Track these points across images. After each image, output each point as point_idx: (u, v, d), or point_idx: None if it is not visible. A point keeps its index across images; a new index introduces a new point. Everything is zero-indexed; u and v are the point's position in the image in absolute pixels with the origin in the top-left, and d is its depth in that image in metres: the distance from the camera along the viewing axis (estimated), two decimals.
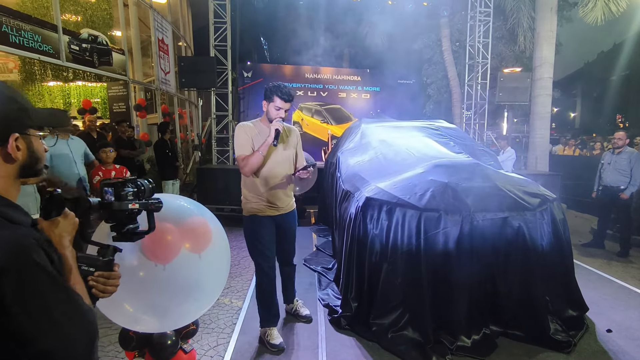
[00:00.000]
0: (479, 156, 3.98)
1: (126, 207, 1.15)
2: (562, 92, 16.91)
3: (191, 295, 2.06)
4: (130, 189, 1.18)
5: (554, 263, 2.94)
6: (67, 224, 0.98)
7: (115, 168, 4.03)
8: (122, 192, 1.15)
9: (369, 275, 2.89)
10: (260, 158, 2.51)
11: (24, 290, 0.72)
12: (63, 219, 0.98)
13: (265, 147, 2.51)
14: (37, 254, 0.78)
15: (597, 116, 22.19)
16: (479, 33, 9.06)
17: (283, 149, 2.68)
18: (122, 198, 1.15)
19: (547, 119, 8.51)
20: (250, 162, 2.51)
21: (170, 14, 10.37)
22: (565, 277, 3.05)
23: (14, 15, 4.76)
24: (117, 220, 1.19)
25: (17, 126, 0.85)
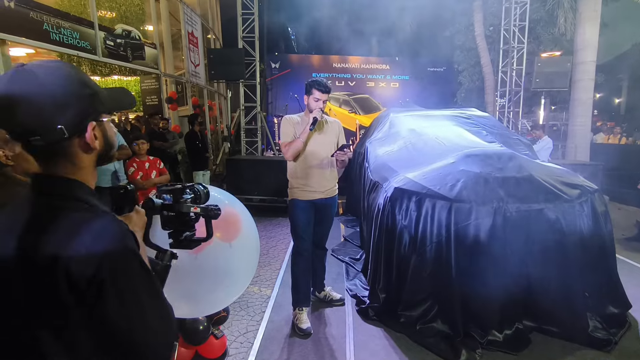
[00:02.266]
0: (513, 145, 3.83)
1: (188, 210, 1.14)
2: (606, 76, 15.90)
3: (222, 283, 2.12)
4: (188, 195, 1.18)
5: (594, 257, 2.80)
6: (138, 220, 0.98)
7: (149, 159, 4.17)
8: (180, 199, 1.15)
9: (398, 266, 2.87)
10: (299, 143, 2.77)
11: (120, 276, 0.73)
12: (135, 214, 0.99)
13: (305, 134, 2.77)
14: (131, 240, 0.79)
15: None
16: (515, 16, 8.63)
17: (320, 136, 2.88)
18: (181, 203, 1.14)
19: (588, 105, 8.03)
20: (291, 147, 2.78)
21: (199, 7, 10.52)
22: (606, 272, 2.90)
23: (54, 13, 4.97)
24: (174, 227, 1.17)
25: (92, 114, 0.82)
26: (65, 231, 0.72)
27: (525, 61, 8.85)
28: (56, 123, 0.76)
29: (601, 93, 21.83)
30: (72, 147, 0.80)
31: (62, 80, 0.78)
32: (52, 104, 0.76)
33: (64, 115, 0.77)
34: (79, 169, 0.82)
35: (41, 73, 0.76)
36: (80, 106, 0.80)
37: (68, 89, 0.78)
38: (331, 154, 2.82)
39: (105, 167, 4.12)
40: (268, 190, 6.30)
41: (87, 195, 0.81)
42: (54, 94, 0.76)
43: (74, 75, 0.80)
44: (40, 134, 0.75)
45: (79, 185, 0.81)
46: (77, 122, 0.79)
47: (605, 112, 21.92)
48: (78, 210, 0.77)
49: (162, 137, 6.31)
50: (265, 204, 6.32)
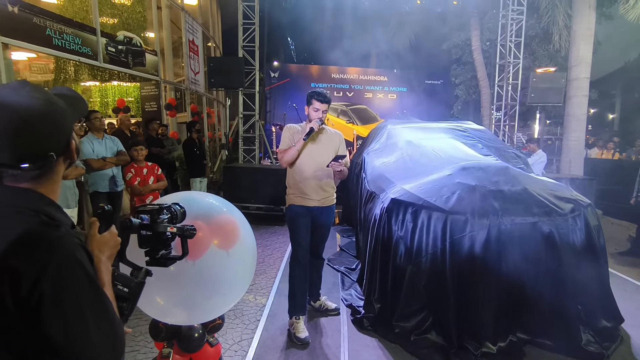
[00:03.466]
0: (508, 159, 3.88)
1: (165, 229, 1.20)
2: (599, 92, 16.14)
3: (219, 291, 2.12)
4: (165, 216, 1.23)
5: (588, 271, 2.83)
6: (109, 239, 0.99)
7: (147, 165, 4.18)
8: (157, 219, 1.19)
9: (393, 276, 2.88)
10: (293, 151, 2.85)
11: (61, 288, 0.73)
12: (108, 234, 1.00)
13: (300, 144, 2.85)
14: (79, 252, 0.79)
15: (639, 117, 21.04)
16: (511, 32, 8.79)
17: (317, 146, 2.94)
18: (158, 224, 1.19)
19: (582, 120, 8.17)
20: (285, 154, 2.88)
21: (201, 15, 10.63)
22: (599, 286, 2.93)
23: (57, 19, 5.02)
24: (151, 246, 1.21)
25: (70, 131, 0.87)
26: (13, 239, 0.72)
27: (521, 76, 8.99)
28: (49, 150, 0.79)
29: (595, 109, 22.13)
30: (56, 167, 0.84)
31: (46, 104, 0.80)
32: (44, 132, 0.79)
33: (56, 141, 0.81)
34: (51, 184, 0.85)
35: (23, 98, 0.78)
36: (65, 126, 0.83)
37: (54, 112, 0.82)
38: (327, 165, 2.86)
39: (103, 172, 4.14)
40: (265, 199, 6.31)
41: (45, 205, 0.82)
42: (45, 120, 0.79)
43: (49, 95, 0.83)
44: (32, 162, 0.78)
45: (39, 197, 0.83)
46: (64, 143, 0.84)
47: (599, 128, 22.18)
48: (30, 222, 0.77)
49: (160, 144, 6.33)
50: (261, 213, 6.33)
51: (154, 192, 4.15)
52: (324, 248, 3.23)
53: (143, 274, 1.11)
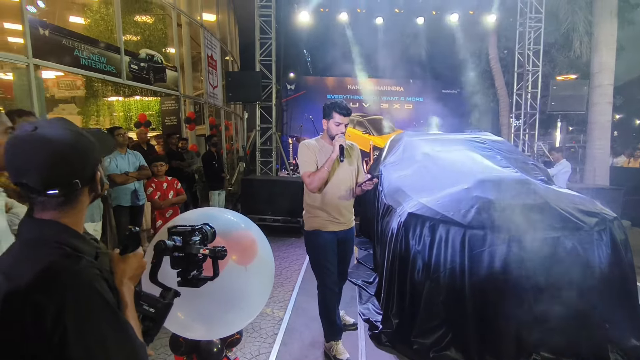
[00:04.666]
0: (528, 170, 3.80)
1: (197, 252, 1.23)
2: (625, 98, 15.70)
3: (237, 306, 2.15)
4: (197, 237, 1.26)
5: (615, 288, 2.74)
6: (133, 261, 1.02)
7: (167, 180, 4.29)
8: (189, 241, 1.22)
9: (411, 291, 2.85)
10: (325, 173, 2.59)
11: (83, 320, 0.77)
12: (133, 256, 1.03)
13: (330, 163, 2.58)
14: (100, 283, 0.83)
15: None
16: (529, 40, 8.68)
17: (347, 164, 2.74)
18: (190, 246, 1.22)
19: (607, 128, 7.93)
20: (316, 179, 2.59)
21: (219, 30, 10.91)
22: (628, 303, 2.82)
23: (85, 40, 5.25)
24: (183, 267, 1.24)
25: (97, 163, 0.93)
26: (37, 273, 0.77)
27: (541, 84, 8.83)
28: (75, 177, 0.85)
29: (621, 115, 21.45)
30: (79, 196, 0.89)
31: (76, 137, 0.87)
32: (72, 161, 0.85)
33: (82, 170, 0.87)
34: (75, 213, 0.90)
35: (54, 133, 0.85)
36: (91, 158, 0.90)
37: (82, 145, 0.88)
38: (358, 184, 2.73)
39: (125, 186, 4.27)
40: (282, 211, 6.35)
41: (69, 237, 0.87)
42: (73, 151, 0.86)
43: (79, 132, 0.89)
44: (59, 188, 0.84)
45: (63, 229, 0.87)
46: (90, 174, 0.89)
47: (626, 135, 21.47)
48: (53, 254, 0.82)
49: (180, 157, 6.48)
50: (278, 224, 6.37)
51: (174, 206, 4.25)
52: (348, 268, 3.09)
53: (172, 295, 1.14)
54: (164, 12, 8.89)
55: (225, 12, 11.69)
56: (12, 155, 0.83)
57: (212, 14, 10.56)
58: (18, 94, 4.35)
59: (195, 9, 9.48)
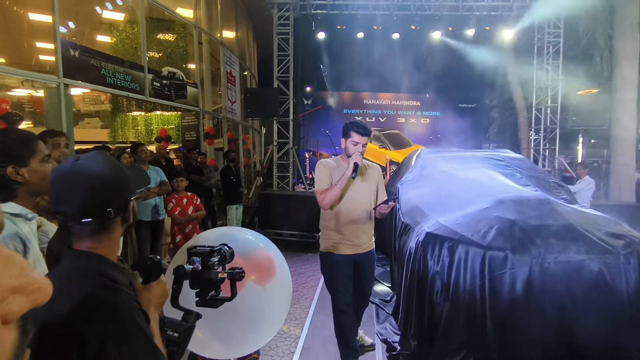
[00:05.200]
0: (549, 189, 3.73)
1: (216, 277, 1.26)
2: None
3: (255, 326, 2.17)
4: (216, 258, 1.30)
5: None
6: (157, 290, 1.04)
7: (187, 195, 4.38)
8: (208, 262, 1.26)
9: (430, 313, 2.80)
10: (338, 191, 2.55)
11: (125, 350, 0.81)
12: (156, 284, 1.05)
13: (344, 180, 2.55)
14: (139, 317, 0.87)
15: None
16: (548, 54, 8.60)
17: (362, 183, 2.70)
18: (209, 267, 1.25)
19: (631, 143, 7.74)
20: (328, 195, 2.56)
21: (238, 47, 11.18)
22: None
23: (111, 60, 5.47)
24: (201, 287, 1.27)
25: (131, 194, 0.98)
26: (79, 304, 0.80)
27: (561, 98, 8.70)
28: (108, 206, 0.90)
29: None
30: (112, 225, 0.93)
31: (110, 170, 0.93)
32: (106, 192, 0.90)
33: (116, 200, 0.92)
34: (109, 243, 0.94)
35: (93, 166, 0.91)
36: (126, 190, 0.95)
37: (118, 177, 0.94)
38: (373, 207, 2.65)
39: (146, 201, 4.36)
40: (298, 225, 6.36)
41: (107, 268, 0.91)
42: (107, 182, 0.91)
43: (116, 165, 0.95)
44: (93, 216, 0.89)
45: (101, 260, 0.91)
46: (123, 204, 0.94)
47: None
48: (94, 285, 0.85)
49: (199, 171, 6.60)
50: (295, 239, 6.38)
51: (193, 221, 4.33)
52: (371, 294, 3.04)
53: (194, 317, 1.18)
54: (185, 31, 9.19)
55: (244, 29, 12.00)
56: (54, 185, 0.89)
57: (231, 31, 10.85)
58: (48, 110, 4.54)
59: (215, 27, 9.76)
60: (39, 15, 5.88)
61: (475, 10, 8.29)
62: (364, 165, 2.76)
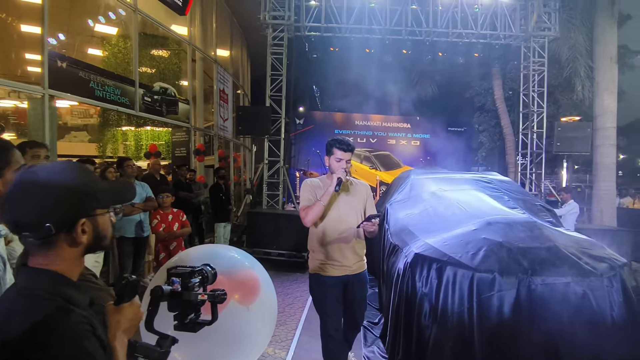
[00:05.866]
0: (535, 212, 3.77)
1: (195, 298, 1.19)
2: (628, 139, 15.79)
3: (238, 347, 2.10)
4: (196, 279, 1.23)
5: (627, 337, 2.63)
6: (129, 312, 0.97)
7: (173, 212, 4.30)
8: (189, 283, 1.19)
9: (418, 336, 2.76)
10: (320, 207, 2.47)
11: None
12: (129, 306, 0.98)
13: (327, 196, 2.49)
14: (89, 341, 0.80)
15: None
16: (534, 82, 8.87)
17: (347, 201, 2.63)
18: (189, 288, 1.19)
19: (611, 169, 7.95)
20: (310, 212, 2.49)
21: (232, 65, 11.31)
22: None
23: (100, 73, 5.47)
24: (180, 310, 1.20)
25: (84, 211, 0.88)
26: (27, 328, 0.75)
27: (546, 124, 8.94)
28: (46, 221, 0.82)
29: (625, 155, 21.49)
30: (59, 242, 0.86)
31: (59, 182, 0.86)
32: (45, 204, 0.83)
33: (55, 214, 0.84)
34: (63, 260, 0.87)
35: (42, 175, 0.85)
36: (72, 205, 0.86)
37: (68, 190, 0.86)
38: (357, 225, 2.53)
39: (131, 217, 4.28)
40: (287, 245, 6.29)
41: (61, 287, 0.85)
42: (49, 194, 0.84)
43: (73, 176, 0.88)
44: (30, 230, 0.83)
45: (55, 278, 0.85)
46: (67, 220, 0.85)
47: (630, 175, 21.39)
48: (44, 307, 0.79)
49: (188, 188, 6.53)
50: (283, 259, 6.29)
51: (178, 238, 4.24)
52: (363, 320, 2.91)
53: (169, 342, 1.10)
54: (179, 48, 9.27)
55: (238, 48, 12.16)
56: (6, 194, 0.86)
57: (226, 50, 10.99)
58: (31, 122, 4.48)
59: (210, 45, 9.88)
60: (28, 27, 5.87)
61: (465, 37, 8.56)
62: (350, 182, 2.69)
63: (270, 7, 8.14)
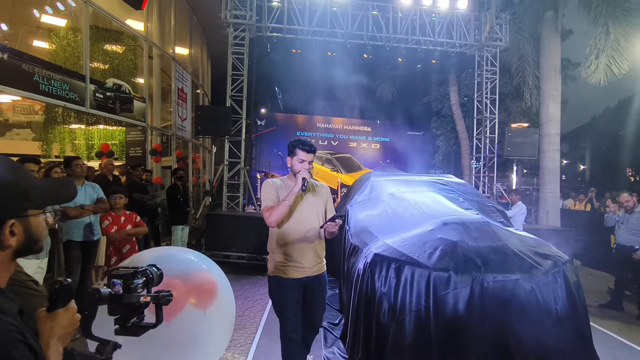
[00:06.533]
0: (488, 213, 3.96)
1: (137, 300, 1.12)
2: (570, 145, 17.04)
3: (194, 352, 2.02)
4: (140, 280, 1.17)
5: (570, 329, 2.82)
6: (64, 318, 0.91)
7: (125, 214, 4.09)
8: (131, 285, 1.13)
9: (377, 335, 2.79)
10: (285, 207, 2.44)
11: None
12: (64, 312, 0.91)
13: (292, 196, 2.46)
14: (18, 350, 0.74)
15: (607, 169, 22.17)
16: (486, 89, 9.35)
17: (309, 202, 2.62)
18: (131, 290, 1.12)
19: (556, 173, 8.53)
20: (275, 212, 2.44)
21: (191, 64, 10.99)
22: (582, 343, 2.89)
23: (46, 66, 5.11)
24: (122, 313, 1.14)
25: (13, 212, 0.81)
26: None
27: (498, 130, 9.44)
28: None
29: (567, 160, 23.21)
30: None
31: None
32: None
33: None
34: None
35: None
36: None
37: None
38: (320, 225, 2.55)
39: (79, 220, 4.02)
40: (247, 247, 6.19)
41: None
42: None
43: (1, 173, 0.81)
44: None
45: None
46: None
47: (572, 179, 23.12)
48: None
49: (143, 189, 6.25)
50: (243, 261, 6.17)
51: (131, 240, 4.03)
52: (321, 322, 2.91)
53: (110, 348, 1.04)
54: (135, 44, 8.87)
55: (198, 46, 11.84)
56: None
57: (185, 47, 10.66)
58: None
59: (167, 42, 9.54)
60: None
61: (423, 44, 8.85)
62: (312, 184, 2.70)
63: (231, 6, 7.99)
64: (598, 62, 7.64)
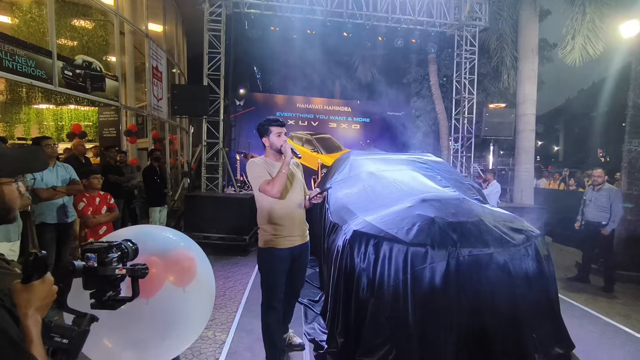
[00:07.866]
0: (464, 190, 4.05)
1: (112, 273, 1.12)
2: (545, 126, 17.51)
3: (174, 330, 2.01)
4: (115, 254, 1.16)
5: (540, 300, 2.95)
6: (41, 290, 0.90)
7: (100, 195, 3.99)
8: (106, 259, 1.12)
9: (356, 310, 2.86)
10: (285, 176, 2.59)
11: None
12: (40, 283, 0.90)
13: (287, 166, 2.61)
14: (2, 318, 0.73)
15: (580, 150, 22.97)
16: (465, 70, 9.41)
17: (293, 176, 2.79)
18: (106, 264, 1.11)
19: (531, 153, 8.75)
20: (276, 183, 2.57)
21: (166, 42, 10.59)
22: (551, 314, 3.05)
23: (9, 40, 4.82)
24: (98, 287, 1.13)
25: None
26: None
27: (475, 110, 9.56)
28: None
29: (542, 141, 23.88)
30: None
31: None
32: None
33: None
34: None
35: None
36: None
37: None
38: (310, 197, 2.78)
39: (52, 202, 3.90)
40: (227, 228, 6.16)
41: None
42: None
43: None
44: None
45: None
46: None
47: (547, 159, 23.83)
48: None
49: (118, 171, 6.08)
50: (223, 242, 6.15)
51: (102, 224, 3.94)
52: (303, 284, 3.13)
53: (87, 321, 1.03)
54: (105, 19, 8.46)
55: (173, 23, 11.40)
56: None
57: (159, 24, 10.26)
58: None
59: (140, 18, 9.14)
60: None
61: (403, 23, 8.78)
62: None
63: None
64: (574, 43, 7.77)
